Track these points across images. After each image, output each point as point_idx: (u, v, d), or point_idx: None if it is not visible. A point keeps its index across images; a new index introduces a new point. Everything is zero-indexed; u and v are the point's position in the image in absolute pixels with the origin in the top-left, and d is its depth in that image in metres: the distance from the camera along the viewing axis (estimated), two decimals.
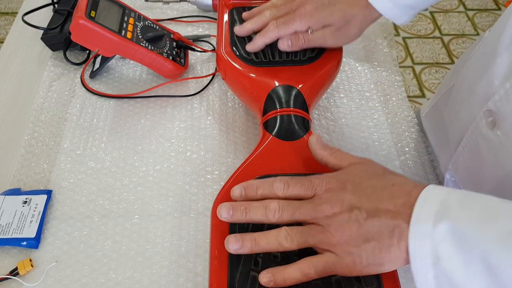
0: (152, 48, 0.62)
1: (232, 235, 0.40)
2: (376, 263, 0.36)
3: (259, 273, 0.39)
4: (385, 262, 0.36)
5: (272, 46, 0.56)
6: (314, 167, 0.46)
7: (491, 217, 0.33)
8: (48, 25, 0.69)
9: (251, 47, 0.55)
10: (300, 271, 0.37)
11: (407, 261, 0.35)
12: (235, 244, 0.39)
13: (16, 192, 0.53)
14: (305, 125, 0.50)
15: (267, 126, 0.50)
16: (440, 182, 0.56)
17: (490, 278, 0.31)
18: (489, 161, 0.46)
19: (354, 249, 0.36)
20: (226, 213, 0.40)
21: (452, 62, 1.91)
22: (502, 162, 0.45)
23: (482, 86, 0.47)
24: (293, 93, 0.52)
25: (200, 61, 0.69)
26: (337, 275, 0.38)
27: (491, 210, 0.34)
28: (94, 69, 0.66)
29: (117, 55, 0.65)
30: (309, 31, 0.54)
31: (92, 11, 0.57)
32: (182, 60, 0.66)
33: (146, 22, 0.64)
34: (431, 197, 0.35)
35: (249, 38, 0.57)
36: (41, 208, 0.51)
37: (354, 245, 0.36)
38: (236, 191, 0.41)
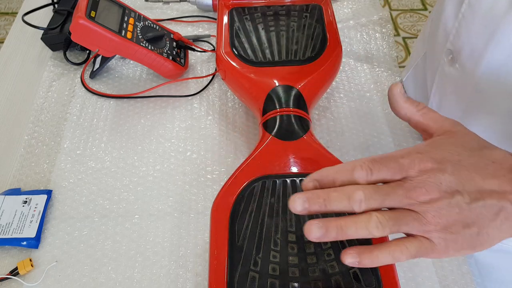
0: (152, 48, 0.62)
1: (315, 221, 0.33)
2: (471, 246, 0.34)
3: (258, 273, 0.39)
4: (480, 245, 0.34)
5: (272, 46, 0.56)
6: (314, 167, 0.46)
7: None
8: (48, 25, 0.69)
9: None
10: (391, 256, 0.34)
11: (500, 240, 0.34)
12: (318, 232, 0.33)
13: (16, 192, 0.53)
14: (305, 125, 0.50)
15: (267, 126, 0.50)
16: None
17: None
18: (452, 98, 0.52)
19: (452, 235, 0.33)
20: (300, 206, 0.34)
21: None
22: (463, 96, 0.51)
23: (440, 34, 0.53)
24: (293, 93, 0.52)
25: (200, 61, 0.69)
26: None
27: None
28: (94, 69, 0.66)
29: (117, 55, 0.65)
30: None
31: (92, 11, 0.57)
32: (182, 60, 0.66)
33: (146, 22, 0.64)
34: None
35: (250, 41, 0.57)
36: (41, 208, 0.51)
37: (452, 231, 0.33)
38: (309, 184, 0.35)
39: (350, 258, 0.33)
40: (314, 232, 0.33)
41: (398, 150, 0.35)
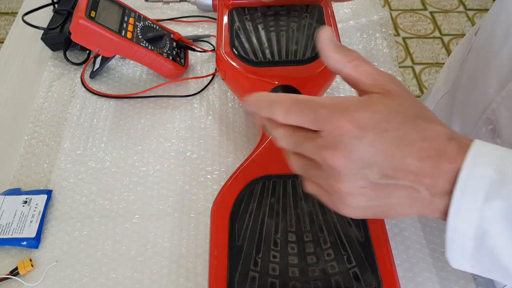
0: (152, 48, 0.62)
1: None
2: (373, 215, 0.32)
3: (258, 273, 0.39)
4: (384, 216, 0.32)
5: (272, 46, 0.56)
6: None
7: None
8: (48, 25, 0.69)
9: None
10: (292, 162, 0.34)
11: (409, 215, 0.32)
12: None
13: (16, 192, 0.53)
14: None
15: None
16: None
17: None
18: None
19: (353, 202, 0.32)
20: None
21: None
22: None
23: (478, 95, 0.46)
24: (293, 93, 0.52)
25: (200, 61, 0.69)
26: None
27: None
28: (94, 69, 0.66)
29: (117, 55, 0.65)
30: None
31: (92, 11, 0.57)
32: (182, 60, 0.66)
33: (146, 22, 0.64)
34: (483, 160, 0.28)
35: (250, 41, 0.57)
36: (41, 208, 0.51)
37: (353, 199, 0.31)
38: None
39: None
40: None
41: (328, 97, 0.32)
